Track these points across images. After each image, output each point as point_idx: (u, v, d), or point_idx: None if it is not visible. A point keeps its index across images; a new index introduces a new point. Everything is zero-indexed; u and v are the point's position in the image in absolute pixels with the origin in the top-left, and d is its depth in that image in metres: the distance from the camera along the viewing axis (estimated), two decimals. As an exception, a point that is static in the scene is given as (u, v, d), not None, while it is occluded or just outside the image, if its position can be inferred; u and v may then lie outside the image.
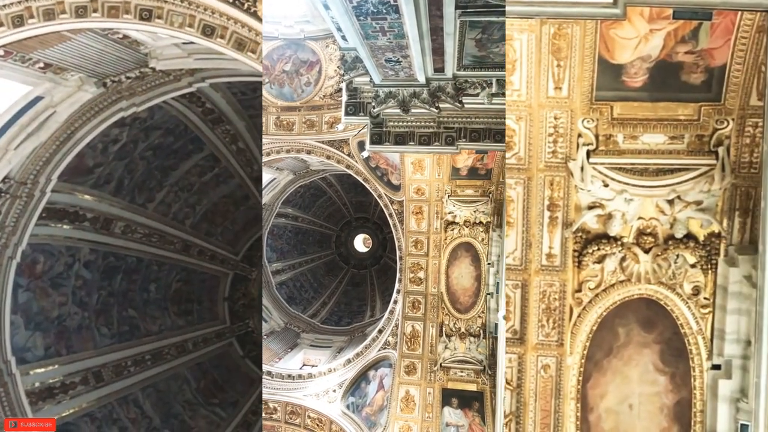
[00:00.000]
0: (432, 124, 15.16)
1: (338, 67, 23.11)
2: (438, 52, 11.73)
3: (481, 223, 25.99)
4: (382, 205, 28.11)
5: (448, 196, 25.87)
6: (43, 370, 24.73)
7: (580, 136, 12.35)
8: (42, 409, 24.02)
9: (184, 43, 18.78)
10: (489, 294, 25.09)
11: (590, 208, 12.93)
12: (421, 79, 13.23)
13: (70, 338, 26.39)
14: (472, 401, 25.69)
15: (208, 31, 14.94)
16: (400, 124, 15.24)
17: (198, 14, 14.73)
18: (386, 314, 29.12)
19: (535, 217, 13.15)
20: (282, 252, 42.91)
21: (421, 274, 27.26)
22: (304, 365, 33.35)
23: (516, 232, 13.36)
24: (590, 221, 13.03)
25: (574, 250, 13.29)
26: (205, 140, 28.04)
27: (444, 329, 26.56)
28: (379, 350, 28.47)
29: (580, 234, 13.19)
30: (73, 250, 26.17)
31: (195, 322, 34.28)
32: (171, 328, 32.23)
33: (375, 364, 28.56)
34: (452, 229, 26.44)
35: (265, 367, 30.10)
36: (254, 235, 36.22)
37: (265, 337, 35.38)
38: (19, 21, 14.89)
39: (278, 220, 40.40)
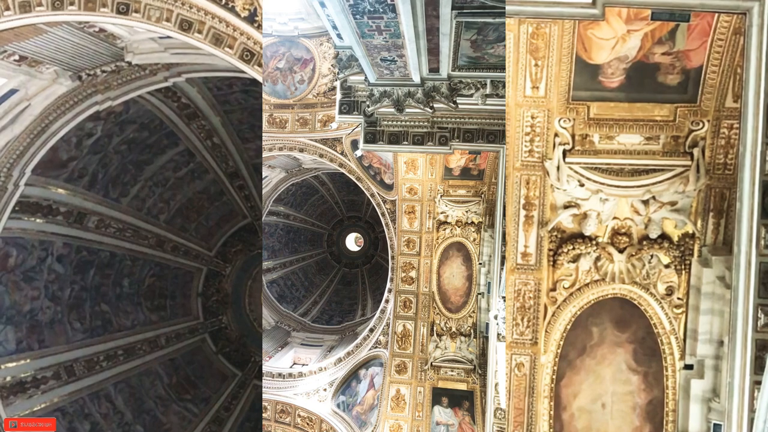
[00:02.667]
0: (426, 123, 15.22)
1: (332, 65, 23.19)
2: (433, 52, 11.76)
3: (473, 223, 26.12)
4: (374, 204, 28.18)
5: (441, 195, 25.98)
6: (14, 364, 24.59)
7: (556, 135, 12.38)
8: (13, 403, 23.89)
9: (160, 38, 18.74)
10: (480, 294, 25.17)
11: (566, 207, 12.97)
12: (416, 79, 13.25)
13: (42, 332, 26.27)
14: (462, 400, 25.80)
15: (185, 25, 14.90)
16: (394, 123, 15.30)
17: (175, 9, 14.69)
18: (377, 313, 29.19)
19: (511, 215, 13.17)
20: (273, 250, 42.92)
21: (413, 274, 27.34)
22: (294, 364, 33.40)
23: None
24: (565, 221, 13.08)
25: (549, 249, 13.32)
26: (181, 135, 27.95)
27: (435, 328, 26.67)
28: (370, 349, 28.53)
29: (555, 233, 13.23)
30: (46, 244, 26.04)
31: (168, 317, 34.16)
32: (144, 324, 32.12)
33: (366, 363, 28.62)
34: (444, 229, 26.55)
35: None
36: (228, 231, 36.12)
37: None
38: (-6, 13, 14.80)
39: (270, 218, 40.52)
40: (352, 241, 49.06)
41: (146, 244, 31.68)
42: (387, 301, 28.47)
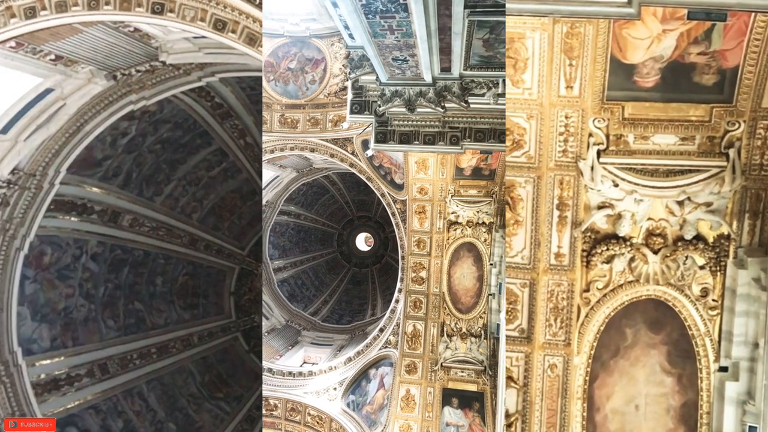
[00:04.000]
0: (437, 123, 15.14)
1: (344, 65, 23.17)
2: (445, 51, 11.71)
3: (484, 223, 25.94)
4: (384, 204, 28.07)
5: (452, 196, 25.80)
6: (49, 361, 24.76)
7: (590, 135, 12.33)
8: (47, 400, 24.07)
9: (194, 38, 18.80)
10: (491, 295, 25.04)
11: (600, 208, 12.91)
12: (428, 79, 13.21)
13: (77, 330, 26.43)
14: (472, 401, 25.64)
15: (219, 25, 14.93)
16: (405, 123, 15.24)
17: (210, 8, 14.73)
18: (387, 313, 29.10)
19: (544, 216, 13.12)
20: (284, 249, 42.96)
21: (423, 274, 27.21)
22: (304, 363, 33.38)
23: (525, 231, 13.34)
24: (599, 221, 13.01)
25: (583, 250, 13.26)
26: (214, 135, 28.06)
27: (445, 329, 26.52)
28: (380, 349, 28.46)
29: (589, 234, 13.17)
30: (81, 243, 26.20)
31: (201, 316, 34.30)
32: (177, 322, 32.27)
33: (376, 363, 28.55)
34: (455, 229, 26.37)
35: (265, 364, 30.12)
36: (261, 230, 36.22)
37: (266, 334, 35.42)
38: (31, 12, 14.90)
39: (281, 218, 40.45)
40: (362, 241, 49.01)
41: (179, 243, 31.82)
42: (397, 301, 28.38)
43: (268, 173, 33.81)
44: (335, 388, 28.57)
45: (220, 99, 26.01)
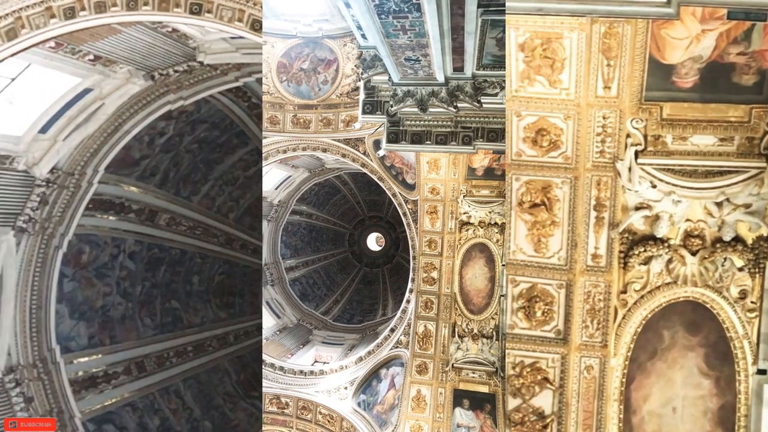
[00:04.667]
0: (449, 123, 15.15)
1: (356, 65, 23.24)
2: (458, 50, 11.73)
3: (496, 224, 25.83)
4: (396, 204, 28.15)
5: (464, 196, 25.71)
6: (86, 359, 24.98)
7: (628, 136, 12.25)
8: (85, 398, 24.28)
9: (232, 38, 18.91)
10: (503, 296, 24.91)
11: (637, 209, 12.83)
12: (440, 78, 13.24)
13: (114, 328, 26.66)
14: (483, 403, 25.54)
15: (257, 26, 15.00)
16: (417, 123, 15.26)
17: (247, 9, 14.81)
18: (398, 313, 29.13)
19: (581, 217, 13.06)
20: (296, 249, 43.15)
21: (435, 274, 27.16)
22: (315, 362, 33.61)
23: (561, 232, 13.29)
24: (637, 222, 12.93)
25: (620, 251, 13.18)
26: (250, 135, 28.18)
27: (456, 330, 26.43)
28: (391, 349, 28.47)
29: (626, 235, 13.09)
30: (118, 241, 26.42)
31: (236, 315, 34.45)
32: (213, 321, 32.44)
33: (386, 363, 28.57)
34: (467, 230, 26.24)
35: (277, 363, 30.27)
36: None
37: (277, 332, 35.57)
38: (70, 13, 15.03)
39: (293, 218, 40.81)
40: (374, 241, 49.08)
41: (216, 242, 31.98)
42: (408, 302, 28.36)
43: (280, 173, 33.96)
44: (346, 388, 28.66)
45: (257, 99, 26.09)
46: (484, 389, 25.65)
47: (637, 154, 12.31)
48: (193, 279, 31.57)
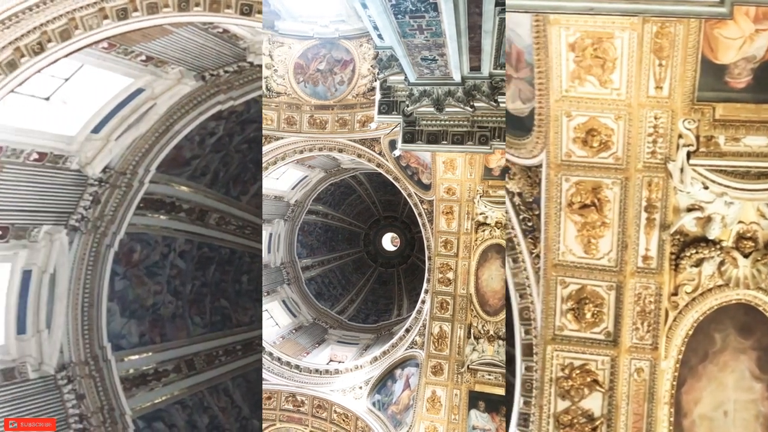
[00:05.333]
0: (466, 123, 15.08)
1: (372, 65, 23.25)
2: (475, 50, 11.69)
3: None
4: (411, 204, 28.05)
5: (480, 196, 25.46)
6: (137, 357, 25.21)
7: (680, 136, 12.14)
8: (135, 395, 24.49)
9: (281, 39, 18.97)
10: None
11: (689, 210, 12.71)
12: (457, 78, 13.20)
13: (164, 326, 26.87)
14: (499, 405, 25.29)
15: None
16: (433, 122, 15.22)
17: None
18: (414, 314, 29.07)
19: (632, 218, 12.96)
20: (312, 248, 43.30)
21: (450, 275, 26.99)
22: (331, 361, 33.59)
23: (612, 233, 13.20)
24: (688, 224, 12.82)
25: (671, 253, 13.07)
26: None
27: (472, 331, 26.24)
28: (406, 349, 28.40)
29: (677, 236, 12.98)
30: (169, 240, 26.64)
31: (286, 314, 34.68)
32: (262, 320, 32.56)
33: (401, 363, 28.48)
34: (483, 230, 26.01)
35: (293, 361, 30.42)
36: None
37: (293, 331, 35.65)
38: (123, 14, 15.17)
39: (309, 217, 40.97)
40: (389, 241, 48.99)
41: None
42: (423, 302, 28.25)
43: (296, 173, 34.44)
44: (361, 387, 28.65)
45: (306, 99, 26.24)
46: (500, 392, 25.43)
47: (689, 155, 12.20)
48: (243, 278, 31.75)
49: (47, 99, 20.30)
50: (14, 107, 18.43)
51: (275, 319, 35.58)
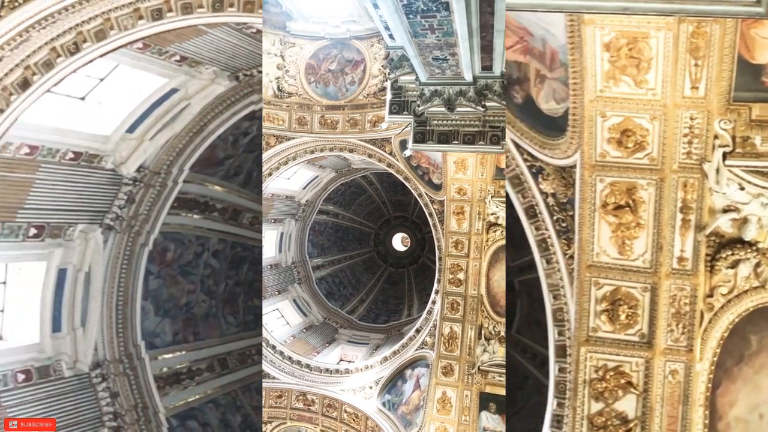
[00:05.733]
0: (477, 122, 15.01)
1: (383, 66, 23.23)
2: (487, 49, 11.65)
3: None
4: (422, 204, 27.89)
5: (492, 196, 25.23)
6: (171, 355, 25.36)
7: (716, 137, 12.05)
8: (169, 394, 24.63)
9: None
10: None
11: (725, 211, 12.61)
12: (468, 78, 13.16)
13: (198, 325, 27.01)
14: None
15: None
16: (445, 122, 15.15)
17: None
18: (424, 314, 28.89)
19: (667, 219, 12.88)
20: (322, 248, 43.38)
21: (461, 276, 26.76)
22: (341, 360, 33.55)
23: (646, 234, 13.13)
24: (724, 225, 12.71)
25: (707, 254, 12.97)
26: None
27: (483, 332, 26.02)
28: (416, 350, 28.21)
29: (713, 238, 12.88)
30: (203, 240, 26.77)
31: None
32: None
33: (412, 363, 28.31)
34: (494, 231, 25.75)
35: (303, 360, 30.38)
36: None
37: (304, 330, 35.63)
38: (158, 14, 15.23)
39: (319, 217, 41.05)
40: (399, 241, 48.81)
41: (298, 242, 32.27)
42: (434, 302, 28.08)
43: (307, 173, 34.63)
44: (371, 387, 28.52)
45: (341, 100, 26.29)
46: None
47: (725, 156, 12.10)
48: (276, 277, 31.86)
49: (83, 99, 20.46)
50: (50, 107, 18.59)
51: (286, 318, 35.67)
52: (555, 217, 13.90)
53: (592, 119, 12.53)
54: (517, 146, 13.96)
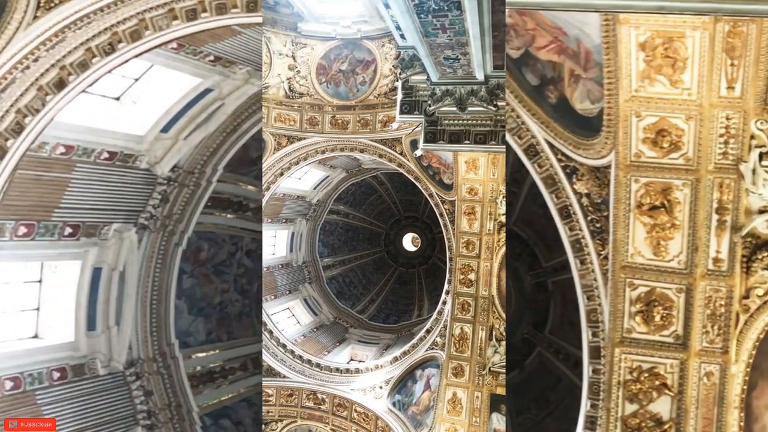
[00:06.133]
0: (489, 122, 14.99)
1: (394, 65, 23.21)
2: (499, 48, 11.65)
3: None
4: (432, 204, 27.79)
5: (503, 197, 25.18)
6: (204, 354, 25.46)
7: (752, 137, 11.96)
8: (202, 392, 24.72)
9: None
10: None
11: (761, 212, 12.51)
12: (480, 77, 13.14)
13: (231, 324, 27.09)
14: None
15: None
16: (456, 122, 15.14)
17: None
18: (434, 314, 28.72)
19: (703, 220, 12.80)
20: (333, 248, 43.42)
21: (472, 276, 26.59)
22: (351, 360, 33.51)
23: (682, 235, 13.05)
24: (760, 226, 12.62)
25: (743, 256, 12.87)
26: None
27: (494, 333, 25.92)
28: (427, 350, 28.06)
29: (749, 239, 12.78)
30: (236, 239, 26.86)
31: (349, 312, 34.83)
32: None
33: (422, 364, 28.16)
34: (506, 231, 25.74)
35: (314, 359, 30.37)
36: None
37: (314, 330, 35.69)
38: (192, 14, 15.28)
39: (330, 217, 41.22)
40: (409, 241, 48.53)
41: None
42: (444, 303, 27.92)
43: (318, 173, 34.76)
44: (381, 387, 28.42)
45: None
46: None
47: (761, 156, 12.01)
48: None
49: (117, 99, 20.60)
50: (85, 107, 18.71)
51: (297, 317, 35.78)
52: (589, 218, 13.85)
53: (627, 119, 12.47)
54: (551, 146, 13.91)
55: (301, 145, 27.23)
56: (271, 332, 29.07)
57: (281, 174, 28.02)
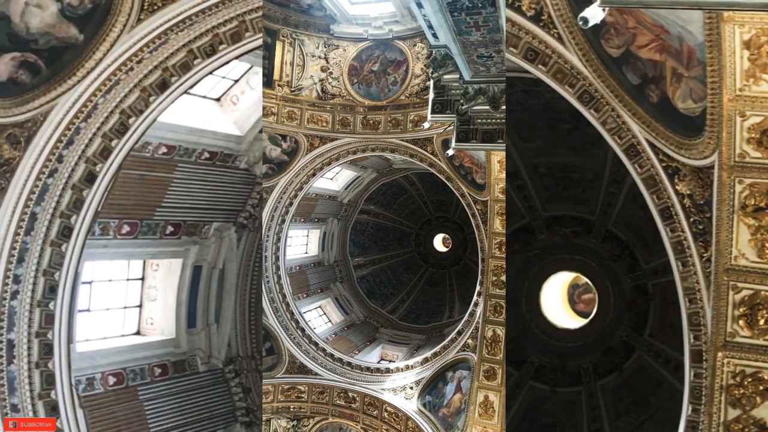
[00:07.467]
0: None
1: (426, 65, 23.08)
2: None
3: None
4: (464, 204, 27.81)
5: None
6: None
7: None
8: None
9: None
10: None
11: None
12: None
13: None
14: None
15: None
16: (489, 121, 15.07)
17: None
18: (466, 316, 28.69)
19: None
20: (363, 247, 44.01)
21: (504, 278, 26.29)
22: (381, 359, 33.77)
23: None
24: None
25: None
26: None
27: None
28: (458, 352, 28.00)
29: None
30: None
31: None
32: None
33: (453, 366, 28.04)
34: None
35: (345, 358, 30.55)
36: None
37: (345, 329, 36.38)
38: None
39: (361, 217, 41.98)
40: (440, 242, 48.41)
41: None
42: (476, 305, 27.78)
43: (349, 173, 35.68)
44: (412, 387, 28.41)
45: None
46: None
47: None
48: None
49: (218, 100, 20.91)
50: (187, 108, 19.04)
51: (328, 316, 36.53)
52: (691, 219, 13.63)
53: (730, 119, 12.21)
54: (652, 146, 13.73)
55: (333, 145, 27.59)
56: (303, 330, 29.18)
57: (314, 174, 28.43)
